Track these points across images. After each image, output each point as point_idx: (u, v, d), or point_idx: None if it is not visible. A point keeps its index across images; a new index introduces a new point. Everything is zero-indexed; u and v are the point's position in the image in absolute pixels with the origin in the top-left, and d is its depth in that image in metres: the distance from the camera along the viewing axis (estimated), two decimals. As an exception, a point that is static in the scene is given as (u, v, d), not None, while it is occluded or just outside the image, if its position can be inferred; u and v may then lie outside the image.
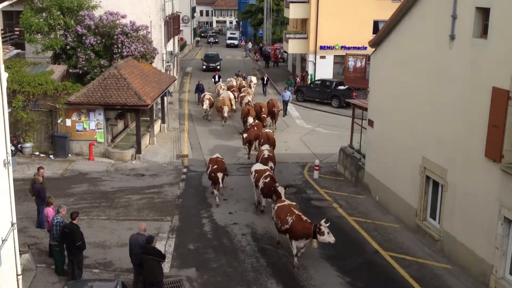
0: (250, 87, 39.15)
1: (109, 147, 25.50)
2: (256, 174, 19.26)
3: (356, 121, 24.20)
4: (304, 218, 15.07)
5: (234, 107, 34.00)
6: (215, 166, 19.96)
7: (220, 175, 19.46)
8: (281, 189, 17.76)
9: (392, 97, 19.43)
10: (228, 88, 36.76)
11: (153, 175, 23.46)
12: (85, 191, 20.75)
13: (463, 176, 15.02)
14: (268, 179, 18.53)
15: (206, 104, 33.12)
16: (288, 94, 36.64)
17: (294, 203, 16.36)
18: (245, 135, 25.62)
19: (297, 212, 15.37)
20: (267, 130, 26.42)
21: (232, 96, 34.33)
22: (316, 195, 21.28)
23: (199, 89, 38.65)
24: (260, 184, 18.68)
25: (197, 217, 18.89)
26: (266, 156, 21.55)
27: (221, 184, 19.53)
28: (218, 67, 53.16)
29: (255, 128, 26.52)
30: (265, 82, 43.59)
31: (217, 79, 41.86)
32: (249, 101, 32.51)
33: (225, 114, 31.52)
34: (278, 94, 43.68)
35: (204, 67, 54.86)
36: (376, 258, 15.97)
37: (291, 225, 15.02)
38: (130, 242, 13.59)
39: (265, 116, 29.81)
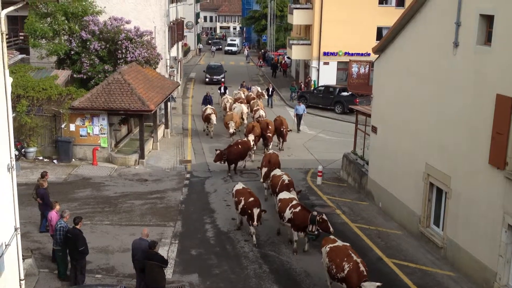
0: (260, 98, 36.86)
1: (113, 152, 25.53)
2: (280, 203, 17.15)
3: (359, 128, 24.18)
4: (362, 267, 12.93)
5: (246, 121, 31.08)
6: (250, 200, 17.21)
7: (256, 211, 16.64)
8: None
9: (395, 104, 19.42)
10: (236, 101, 34.38)
11: (156, 180, 23.47)
12: (88, 196, 20.77)
13: (466, 183, 14.98)
14: (299, 208, 16.39)
15: (213, 119, 30.71)
16: (302, 108, 33.58)
17: (348, 244, 14.11)
18: (217, 151, 23.79)
19: (355, 257, 13.22)
20: (271, 151, 23.90)
21: (245, 110, 31.92)
22: (319, 201, 21.24)
23: (207, 101, 34.97)
24: (287, 215, 16.53)
25: (200, 223, 18.88)
26: (286, 182, 19.11)
27: (255, 222, 16.58)
28: (223, 79, 48.11)
29: (239, 146, 24.24)
30: (270, 93, 40.74)
31: (223, 90, 39.43)
32: (260, 115, 30.31)
33: (231, 131, 28.79)
34: (282, 101, 43.66)
35: (207, 79, 50.16)
36: (380, 265, 15.92)
37: (348, 274, 12.98)
38: (132, 247, 13.59)
39: (270, 135, 27.16)
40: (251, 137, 25.92)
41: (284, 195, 17.78)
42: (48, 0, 23.74)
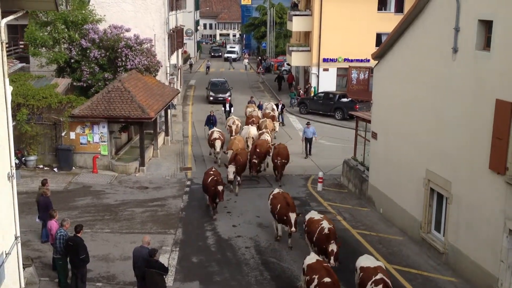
0: (274, 118, 32.37)
1: (113, 160, 25.52)
2: (363, 274, 13.25)
3: (359, 134, 24.19)
4: None
5: (249, 149, 26.14)
6: (327, 280, 12.74)
7: None
8: None
9: (395, 110, 19.43)
10: (248, 120, 31.09)
11: (157, 187, 23.45)
12: (88, 204, 20.75)
13: (467, 189, 14.97)
14: (380, 286, 12.50)
15: (218, 146, 26.58)
16: (311, 130, 29.34)
17: None
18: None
19: None
20: (277, 190, 19.07)
21: (253, 133, 27.93)
22: (320, 208, 21.18)
23: (211, 122, 31.33)
24: None
25: (201, 230, 18.84)
26: (326, 231, 15.19)
27: None
28: (229, 98, 41.72)
29: (215, 178, 19.94)
30: (279, 110, 36.45)
31: (227, 108, 35.72)
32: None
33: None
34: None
35: (211, 98, 44.04)
36: (381, 271, 15.86)
37: None
38: (133, 255, 13.58)
39: (255, 161, 23.64)
40: (231, 169, 22.07)
41: (368, 262, 13.70)
42: (48, 8, 23.75)
